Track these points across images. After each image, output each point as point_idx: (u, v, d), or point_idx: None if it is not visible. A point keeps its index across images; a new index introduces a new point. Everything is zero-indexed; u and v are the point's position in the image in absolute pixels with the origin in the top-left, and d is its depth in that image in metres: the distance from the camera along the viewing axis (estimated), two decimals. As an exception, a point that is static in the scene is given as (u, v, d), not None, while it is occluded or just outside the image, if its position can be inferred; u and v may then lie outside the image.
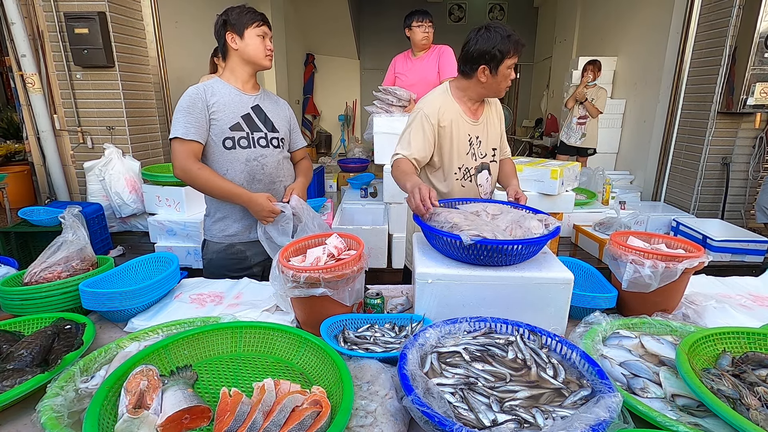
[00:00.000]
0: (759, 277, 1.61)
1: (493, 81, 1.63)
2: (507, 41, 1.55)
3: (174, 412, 0.79)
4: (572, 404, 0.83)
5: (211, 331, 1.09)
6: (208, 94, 1.63)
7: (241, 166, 1.68)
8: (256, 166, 1.71)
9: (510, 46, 1.56)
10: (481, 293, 1.18)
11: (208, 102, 1.62)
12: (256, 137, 1.71)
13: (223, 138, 1.65)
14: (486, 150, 1.79)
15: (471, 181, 1.77)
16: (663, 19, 4.51)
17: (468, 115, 1.73)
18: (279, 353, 1.07)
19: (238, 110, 1.67)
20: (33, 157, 4.04)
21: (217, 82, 1.69)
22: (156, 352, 0.99)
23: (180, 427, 0.80)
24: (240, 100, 1.69)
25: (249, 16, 1.63)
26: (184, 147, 1.59)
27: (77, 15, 3.57)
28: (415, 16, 3.16)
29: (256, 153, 1.71)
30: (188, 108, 1.59)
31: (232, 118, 1.66)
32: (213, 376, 1.01)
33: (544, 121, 8.47)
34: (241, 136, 1.68)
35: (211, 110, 1.62)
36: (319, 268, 1.14)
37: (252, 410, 0.81)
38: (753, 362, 0.96)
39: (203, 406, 0.84)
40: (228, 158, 1.67)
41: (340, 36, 8.99)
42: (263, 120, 1.74)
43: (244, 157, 1.68)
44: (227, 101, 1.65)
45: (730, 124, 3.72)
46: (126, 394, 0.82)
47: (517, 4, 10.07)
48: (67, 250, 1.44)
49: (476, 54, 1.59)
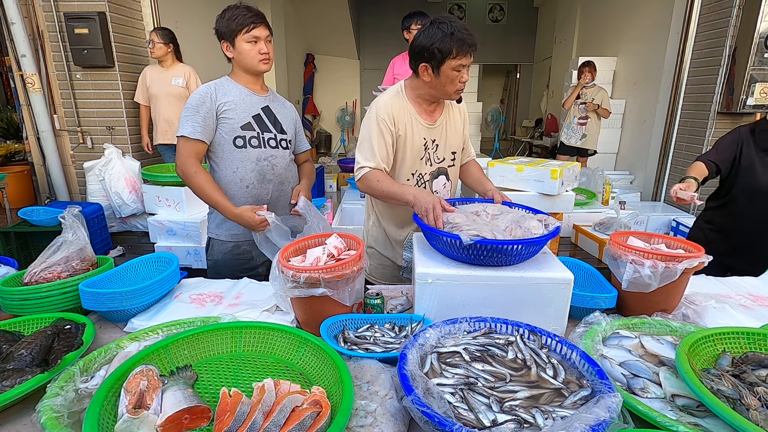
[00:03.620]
0: (759, 277, 1.61)
1: (437, 81, 1.49)
2: (449, 40, 1.40)
3: (174, 412, 0.79)
4: (572, 404, 0.83)
5: (211, 331, 1.09)
6: (219, 94, 1.63)
7: (252, 165, 1.69)
8: (266, 166, 1.71)
9: (452, 46, 1.40)
10: (481, 293, 1.18)
11: (218, 101, 1.62)
12: (266, 138, 1.71)
13: (234, 137, 1.65)
14: (444, 154, 1.68)
15: (426, 188, 1.66)
16: (663, 19, 4.51)
17: (423, 117, 1.60)
18: (279, 353, 1.07)
19: (249, 110, 1.68)
20: (33, 157, 4.04)
21: (228, 82, 1.69)
22: (156, 352, 0.99)
23: (180, 427, 0.80)
24: (251, 100, 1.69)
25: (238, 22, 1.59)
26: (188, 146, 1.60)
27: (77, 15, 3.57)
28: (413, 19, 3.17)
29: (267, 153, 1.71)
30: (197, 107, 1.59)
31: (244, 117, 1.66)
32: (213, 376, 1.00)
33: (544, 121, 8.48)
34: (252, 136, 1.68)
35: (222, 109, 1.62)
36: (319, 268, 1.14)
37: (252, 410, 0.81)
38: (753, 362, 0.96)
39: (203, 406, 0.83)
40: (239, 157, 1.67)
41: (340, 36, 8.99)
42: (273, 121, 1.74)
43: (255, 157, 1.69)
44: (238, 101, 1.66)
45: (730, 124, 3.72)
46: (126, 394, 0.82)
47: (517, 4, 10.07)
48: (67, 250, 1.43)
49: (416, 49, 1.48)
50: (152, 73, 3.72)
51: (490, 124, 8.20)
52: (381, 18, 9.74)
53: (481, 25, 10.30)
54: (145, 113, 3.88)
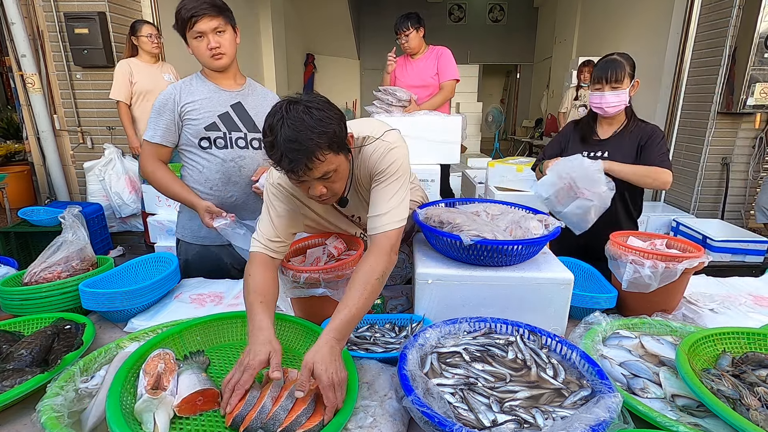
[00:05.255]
0: (759, 277, 1.61)
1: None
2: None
3: (189, 394, 0.84)
4: (572, 404, 0.83)
5: (223, 319, 1.14)
6: (184, 94, 1.56)
7: (217, 166, 1.60)
8: (232, 167, 1.62)
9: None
10: (481, 293, 1.18)
11: (182, 103, 1.54)
12: (234, 137, 1.61)
13: (199, 138, 1.58)
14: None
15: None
16: (663, 19, 4.51)
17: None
18: (286, 342, 1.10)
19: (215, 109, 1.58)
20: (33, 157, 4.04)
21: (197, 79, 1.61)
22: (170, 337, 1.04)
23: (194, 408, 0.85)
24: (218, 97, 1.59)
25: (181, 18, 1.47)
26: (149, 149, 1.58)
27: (77, 15, 3.57)
28: (396, 25, 3.11)
29: (234, 154, 1.61)
30: (159, 110, 1.55)
31: (208, 117, 1.57)
32: (224, 361, 1.05)
33: (544, 121, 8.47)
34: (218, 136, 1.59)
35: (185, 111, 1.55)
36: (319, 269, 1.14)
37: (261, 395, 0.85)
38: (753, 362, 0.96)
39: (216, 390, 0.88)
40: (205, 157, 1.60)
41: (340, 36, 9.00)
42: (244, 119, 1.63)
43: (221, 158, 1.60)
44: (204, 99, 1.57)
45: (730, 125, 3.71)
46: (145, 376, 0.86)
47: (517, 4, 10.08)
48: (67, 250, 1.43)
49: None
50: (137, 68, 3.42)
51: (491, 124, 8.19)
52: (381, 18, 9.74)
53: (481, 25, 10.30)
54: (126, 111, 3.47)
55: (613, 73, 1.70)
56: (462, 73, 3.49)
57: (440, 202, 1.52)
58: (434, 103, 3.06)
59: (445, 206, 1.45)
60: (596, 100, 1.76)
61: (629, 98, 1.76)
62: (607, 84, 1.71)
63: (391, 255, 1.04)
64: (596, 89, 1.75)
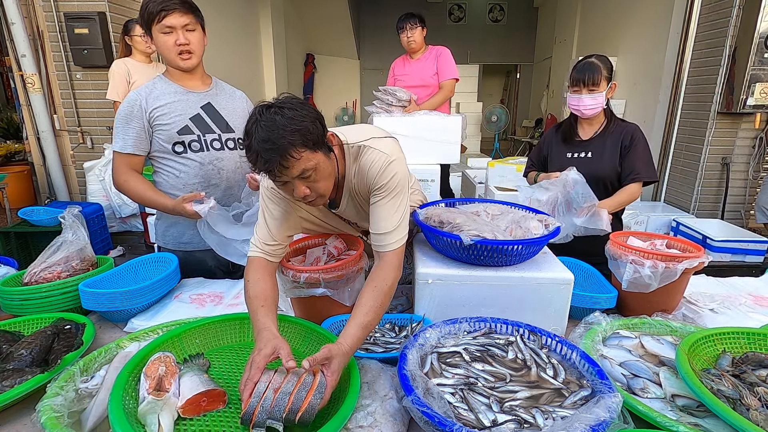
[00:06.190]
0: (759, 277, 1.61)
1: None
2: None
3: (193, 395, 0.84)
4: (572, 404, 0.83)
5: (221, 322, 1.14)
6: (151, 99, 1.49)
7: (195, 170, 1.56)
8: (211, 170, 1.58)
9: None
10: (481, 293, 1.18)
11: (149, 108, 1.48)
12: (209, 139, 1.57)
13: (173, 143, 1.52)
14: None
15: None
16: (663, 19, 4.51)
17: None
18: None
19: (185, 112, 1.52)
20: (33, 157, 4.04)
21: (161, 82, 1.54)
22: (169, 340, 1.03)
23: (199, 409, 0.85)
24: (187, 100, 1.53)
25: (149, 10, 1.40)
26: (121, 159, 1.51)
27: (77, 15, 3.57)
28: (400, 21, 3.17)
29: (211, 156, 1.57)
30: (125, 119, 1.48)
31: (180, 121, 1.51)
32: (224, 363, 1.06)
33: (544, 121, 8.47)
34: (192, 140, 1.54)
35: (155, 116, 1.49)
36: (319, 269, 1.14)
37: (266, 389, 0.85)
38: (753, 362, 0.96)
39: (220, 389, 0.89)
40: (181, 162, 1.56)
41: (340, 36, 8.99)
42: (216, 120, 1.58)
43: (198, 161, 1.56)
44: (173, 103, 1.51)
45: (730, 124, 3.71)
46: (146, 379, 0.86)
47: (517, 4, 10.07)
48: (67, 250, 1.43)
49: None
50: (134, 68, 3.36)
51: (496, 123, 8.18)
52: (381, 18, 9.73)
53: (481, 25, 10.29)
54: None
55: (590, 76, 1.73)
56: (462, 73, 3.49)
57: (440, 202, 1.52)
58: (434, 103, 3.07)
59: (445, 206, 1.45)
60: (574, 102, 1.80)
61: (607, 100, 1.79)
62: (585, 87, 1.75)
63: (399, 269, 1.10)
64: (574, 91, 1.79)
